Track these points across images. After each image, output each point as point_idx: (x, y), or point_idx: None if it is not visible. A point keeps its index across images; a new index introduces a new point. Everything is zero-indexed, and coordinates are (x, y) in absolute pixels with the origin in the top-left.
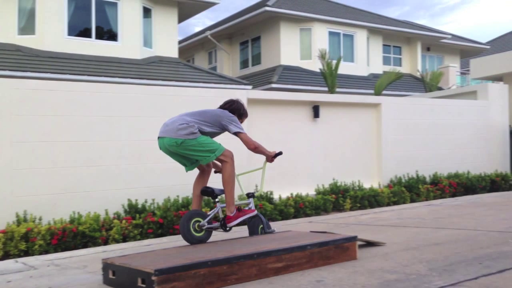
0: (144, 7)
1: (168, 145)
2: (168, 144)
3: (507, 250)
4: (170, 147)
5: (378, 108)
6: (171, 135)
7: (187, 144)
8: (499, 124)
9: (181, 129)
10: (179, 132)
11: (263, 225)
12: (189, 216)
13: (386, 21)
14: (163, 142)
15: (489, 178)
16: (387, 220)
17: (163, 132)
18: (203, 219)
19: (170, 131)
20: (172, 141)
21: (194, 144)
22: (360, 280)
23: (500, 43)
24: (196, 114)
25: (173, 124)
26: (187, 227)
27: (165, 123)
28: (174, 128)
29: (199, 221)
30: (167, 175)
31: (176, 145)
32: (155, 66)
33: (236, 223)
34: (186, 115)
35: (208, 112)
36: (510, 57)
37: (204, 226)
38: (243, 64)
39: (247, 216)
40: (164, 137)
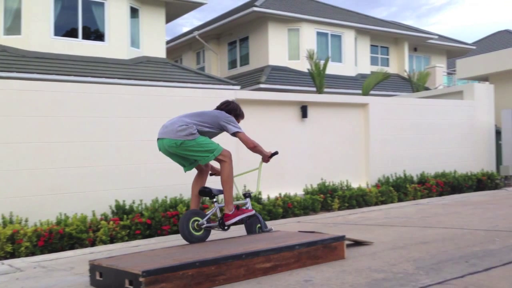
0: (131, 7)
1: (167, 146)
2: (167, 145)
3: (493, 249)
4: (169, 148)
5: (366, 108)
6: (170, 136)
7: (186, 145)
8: (485, 123)
9: (180, 130)
10: (179, 133)
11: (261, 224)
12: (188, 215)
13: (374, 22)
14: (163, 143)
15: (475, 177)
16: (375, 220)
17: (163, 133)
18: (202, 219)
19: (169, 133)
20: (171, 142)
21: (193, 144)
22: (348, 279)
23: (485, 43)
24: (194, 115)
25: (172, 126)
26: (186, 226)
27: (164, 125)
28: (174, 129)
29: (198, 220)
30: (154, 176)
31: (175, 146)
32: (142, 66)
33: (234, 221)
34: (185, 117)
35: (206, 113)
36: (495, 58)
37: (203, 225)
38: (231, 64)
39: (245, 215)
40: (164, 138)
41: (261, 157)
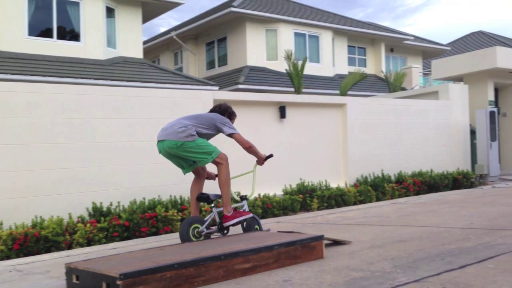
0: (107, 6)
1: (168, 147)
2: (168, 147)
3: (468, 246)
4: (170, 149)
5: (344, 108)
6: (171, 138)
7: (186, 146)
8: (460, 123)
9: (180, 131)
10: (179, 135)
11: (259, 226)
12: (189, 222)
13: (351, 23)
14: (163, 145)
15: (451, 176)
16: (354, 219)
17: (163, 135)
18: (201, 225)
19: (169, 134)
20: (172, 143)
21: (192, 146)
22: (327, 278)
23: (460, 44)
24: (192, 118)
25: (172, 128)
26: (187, 233)
27: (163, 128)
28: (174, 131)
29: (198, 227)
30: (132, 177)
31: (176, 147)
32: (119, 67)
33: (233, 223)
34: (183, 119)
35: (202, 115)
36: (469, 58)
37: (203, 232)
38: (209, 64)
39: (244, 217)
40: (164, 140)
41: (256, 159)
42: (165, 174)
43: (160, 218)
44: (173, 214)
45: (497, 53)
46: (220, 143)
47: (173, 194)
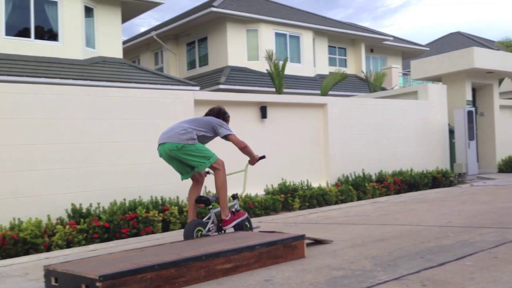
0: (85, 6)
1: (169, 150)
2: (169, 149)
3: (447, 244)
4: (170, 151)
5: (325, 108)
6: (172, 140)
7: (186, 149)
8: (439, 123)
9: (182, 134)
10: (180, 137)
11: (249, 224)
12: (193, 226)
13: (331, 23)
14: (164, 147)
15: (430, 175)
16: (335, 218)
17: (164, 138)
18: (203, 228)
19: (171, 137)
20: (173, 145)
21: (192, 149)
22: (308, 278)
23: (438, 45)
24: (190, 121)
25: (172, 131)
26: (191, 236)
27: (164, 132)
28: (175, 134)
29: (201, 230)
30: (112, 178)
31: (176, 149)
32: (98, 67)
33: (231, 226)
34: (183, 123)
35: (199, 119)
36: (447, 59)
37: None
38: (190, 65)
39: (241, 219)
40: (165, 143)
41: (248, 159)
42: (146, 175)
43: (141, 219)
44: (154, 215)
45: (475, 53)
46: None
47: (154, 195)
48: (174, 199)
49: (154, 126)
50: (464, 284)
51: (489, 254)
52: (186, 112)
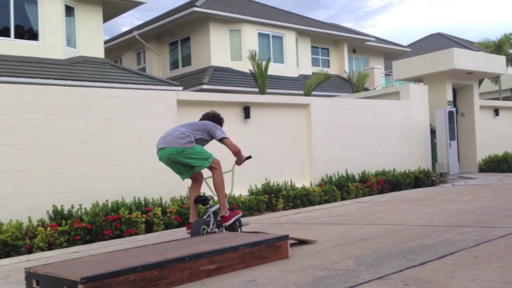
0: (66, 5)
1: (168, 154)
2: (168, 153)
3: (429, 243)
4: (170, 156)
5: (308, 108)
6: (171, 145)
7: (185, 152)
8: (420, 123)
9: (181, 138)
10: (179, 141)
11: (239, 222)
12: (200, 225)
13: (314, 24)
14: (163, 152)
15: (413, 175)
16: (319, 218)
17: (163, 143)
18: (207, 227)
19: (170, 142)
20: (173, 150)
21: (191, 152)
22: (292, 278)
23: (420, 45)
24: (187, 125)
25: (171, 136)
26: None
27: (162, 136)
28: (174, 138)
29: (205, 229)
30: (94, 179)
31: (176, 153)
32: (79, 67)
33: (231, 222)
34: (180, 127)
35: (195, 123)
36: (428, 60)
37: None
38: (173, 65)
39: (238, 216)
40: (165, 148)
41: (235, 160)
42: (128, 176)
43: (124, 220)
44: (137, 216)
45: (455, 54)
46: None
47: (137, 196)
48: (158, 200)
49: (137, 127)
50: (445, 282)
51: (470, 253)
52: (169, 112)
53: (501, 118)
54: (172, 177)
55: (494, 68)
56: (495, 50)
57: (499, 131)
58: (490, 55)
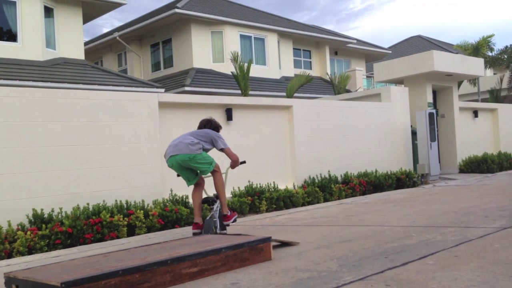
0: (45, 6)
1: (181, 160)
2: (181, 160)
3: (410, 244)
4: (183, 162)
5: (290, 110)
6: (184, 152)
7: (196, 158)
8: (401, 124)
9: (192, 145)
10: (191, 148)
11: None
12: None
13: (296, 26)
14: (176, 159)
15: (395, 176)
16: (302, 220)
17: (174, 151)
18: (215, 228)
19: (182, 149)
20: (185, 156)
21: (200, 158)
22: (274, 280)
23: (400, 48)
24: (194, 133)
25: (182, 143)
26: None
27: (172, 144)
28: (185, 145)
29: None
30: (75, 182)
31: (188, 160)
32: (59, 68)
33: (232, 221)
34: (188, 135)
35: (200, 132)
36: (408, 62)
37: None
38: (155, 66)
39: (236, 216)
40: (177, 155)
41: (230, 162)
42: (110, 179)
43: (106, 223)
44: (119, 219)
45: (434, 56)
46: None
47: (118, 199)
48: (140, 203)
49: (118, 129)
50: (426, 283)
51: (450, 253)
52: (151, 115)
53: (480, 120)
54: (154, 179)
55: (472, 70)
56: (472, 52)
57: (479, 132)
58: (468, 57)
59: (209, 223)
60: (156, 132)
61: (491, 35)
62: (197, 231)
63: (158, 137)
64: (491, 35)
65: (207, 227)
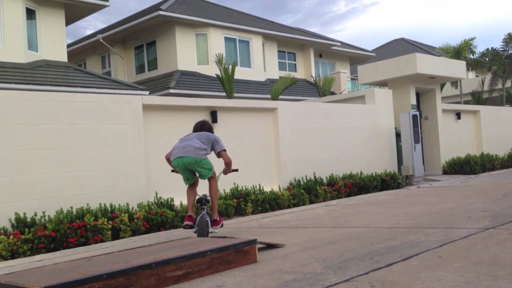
0: (27, 8)
1: (188, 163)
2: (188, 162)
3: (395, 245)
4: (189, 164)
5: (275, 112)
6: (191, 155)
7: (201, 163)
8: (386, 126)
9: (199, 149)
10: (199, 152)
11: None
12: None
13: (280, 28)
14: (183, 160)
15: (379, 178)
16: (287, 222)
17: (183, 152)
18: (207, 227)
19: (189, 152)
20: (192, 159)
21: (204, 163)
22: (260, 282)
23: (384, 50)
24: (199, 137)
25: (190, 146)
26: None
27: (179, 146)
28: (193, 149)
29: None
30: (58, 185)
31: (194, 163)
32: (42, 71)
33: (220, 226)
34: (195, 138)
35: (202, 135)
36: (392, 64)
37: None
38: (139, 69)
39: (223, 221)
40: (184, 156)
41: (223, 169)
42: (93, 182)
43: (90, 227)
44: (103, 223)
45: (417, 59)
46: None
47: (103, 202)
48: (124, 206)
49: (102, 132)
50: (410, 283)
51: (434, 254)
52: (135, 117)
53: (463, 121)
54: (139, 182)
55: (455, 73)
56: (454, 55)
57: (462, 134)
58: (451, 60)
59: (202, 221)
60: (140, 135)
61: (472, 38)
62: (189, 223)
63: (142, 140)
64: (472, 38)
65: (200, 224)
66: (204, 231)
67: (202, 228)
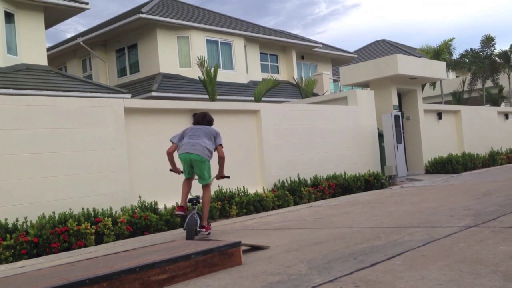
0: (5, 11)
1: (194, 160)
2: (194, 159)
3: (378, 245)
4: (195, 162)
5: (258, 114)
6: (199, 153)
7: (205, 164)
8: (368, 127)
9: (208, 150)
10: (205, 152)
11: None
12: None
13: (262, 30)
14: (190, 156)
15: (363, 178)
16: (272, 224)
17: (192, 149)
18: (196, 226)
19: (197, 150)
20: (199, 157)
21: (207, 167)
22: (245, 284)
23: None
24: (206, 135)
25: (198, 145)
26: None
27: (188, 142)
28: (202, 148)
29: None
30: (40, 190)
31: (200, 161)
32: (22, 75)
33: (207, 233)
34: (204, 137)
35: (207, 130)
36: (373, 65)
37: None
38: (120, 72)
39: (211, 229)
40: (192, 153)
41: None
42: (76, 186)
43: (72, 232)
44: (86, 227)
45: (398, 60)
46: None
47: (85, 207)
48: (108, 210)
49: (83, 136)
50: (394, 283)
51: (418, 253)
52: (117, 121)
53: (444, 121)
54: (122, 186)
55: (435, 74)
56: (434, 56)
57: (443, 133)
58: (432, 61)
59: (192, 220)
60: (123, 138)
61: (451, 38)
62: (181, 213)
63: (125, 144)
64: (451, 39)
65: (189, 223)
66: (192, 230)
67: (191, 227)
